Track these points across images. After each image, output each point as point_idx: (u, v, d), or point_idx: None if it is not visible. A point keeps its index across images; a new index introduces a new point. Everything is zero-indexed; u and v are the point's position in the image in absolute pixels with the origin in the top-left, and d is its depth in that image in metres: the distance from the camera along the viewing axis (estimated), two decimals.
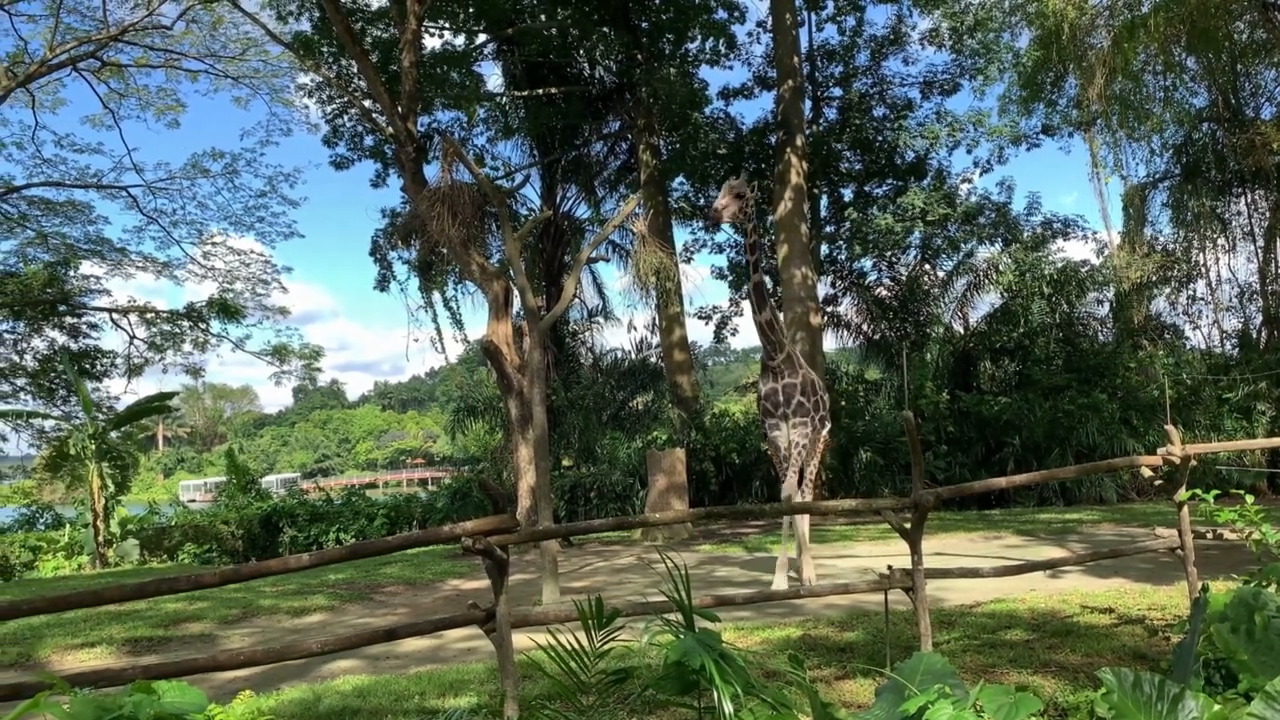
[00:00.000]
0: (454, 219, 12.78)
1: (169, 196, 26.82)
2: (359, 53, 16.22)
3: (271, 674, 7.59)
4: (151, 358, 28.39)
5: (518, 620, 5.84)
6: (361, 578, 13.42)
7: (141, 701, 2.76)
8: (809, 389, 10.40)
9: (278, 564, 4.90)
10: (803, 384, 10.41)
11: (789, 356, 10.37)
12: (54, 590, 14.20)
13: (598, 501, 19.90)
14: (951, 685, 3.90)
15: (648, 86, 20.56)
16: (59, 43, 22.22)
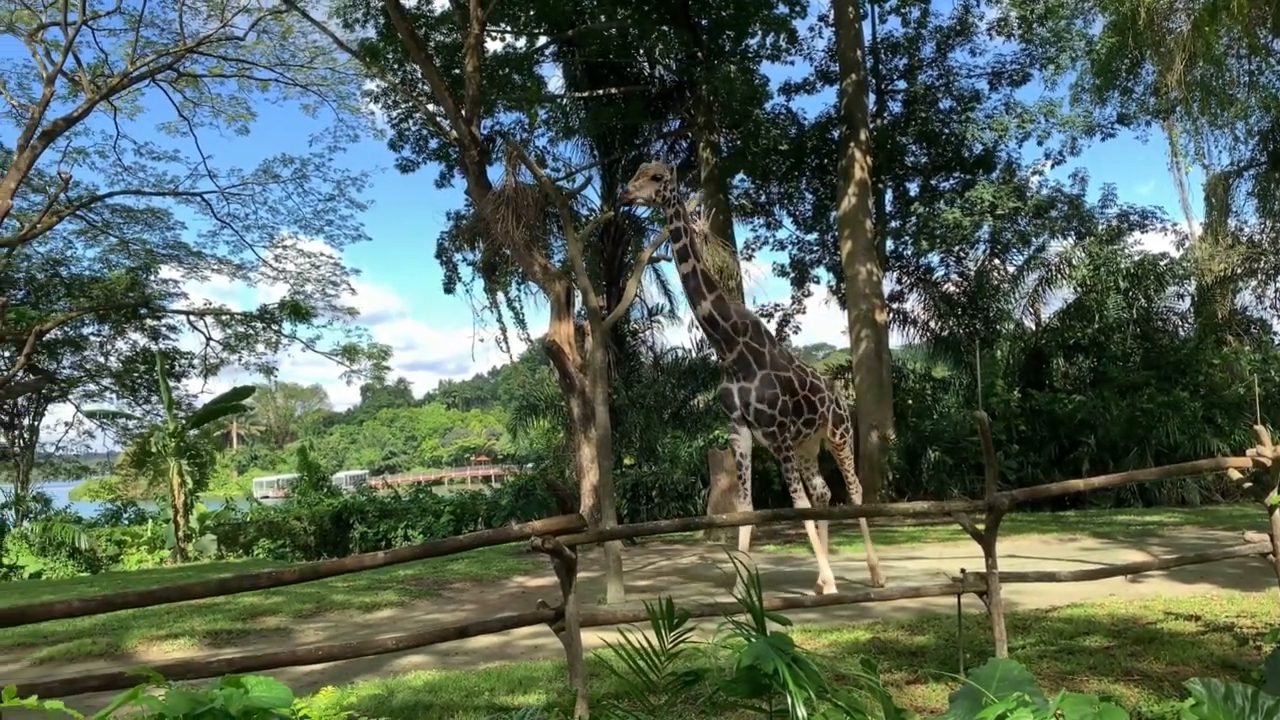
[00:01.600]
0: (517, 221, 12.89)
1: (241, 201, 27.57)
2: (423, 58, 16.47)
3: (345, 668, 7.75)
4: (227, 358, 29.24)
5: (585, 619, 5.88)
6: (430, 574, 13.63)
7: (231, 695, 2.83)
8: (775, 394, 9.33)
9: (353, 561, 5.01)
10: (761, 388, 9.34)
11: (742, 355, 9.42)
12: (138, 583, 14.72)
13: (659, 500, 19.90)
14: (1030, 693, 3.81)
15: (708, 84, 20.49)
16: (139, 56, 23.00)
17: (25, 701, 2.72)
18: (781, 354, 9.79)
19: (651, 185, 9.22)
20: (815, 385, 9.92)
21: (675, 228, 9.24)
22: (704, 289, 9.28)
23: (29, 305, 27.82)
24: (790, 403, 9.57)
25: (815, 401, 9.84)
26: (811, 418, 9.85)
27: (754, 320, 9.74)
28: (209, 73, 25.03)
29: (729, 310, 9.42)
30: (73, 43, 21.63)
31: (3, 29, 22.47)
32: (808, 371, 10.00)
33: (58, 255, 28.41)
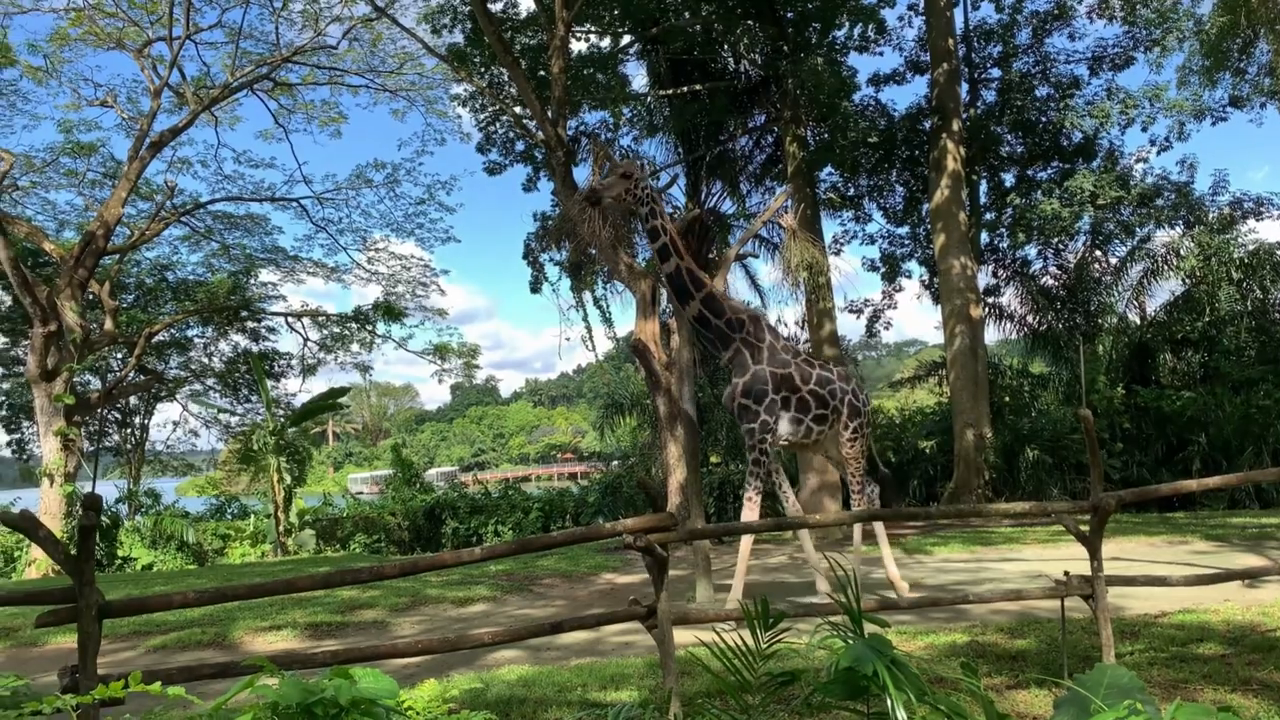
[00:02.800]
0: (604, 220, 12.91)
1: (335, 206, 28.40)
2: (510, 61, 16.64)
3: (440, 661, 7.90)
4: (324, 358, 30.21)
5: (677, 617, 5.87)
6: (520, 569, 13.82)
7: (341, 686, 2.90)
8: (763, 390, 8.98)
9: (451, 556, 5.09)
10: (750, 383, 9.00)
11: (738, 353, 9.12)
12: (242, 576, 15.29)
13: None
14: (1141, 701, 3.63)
15: (794, 78, 20.21)
16: (238, 67, 23.90)
17: (149, 687, 2.85)
18: (786, 348, 9.45)
19: (621, 184, 8.89)
20: (824, 378, 9.44)
21: (652, 226, 8.97)
22: (690, 288, 9.03)
23: (139, 309, 29.23)
24: (792, 399, 9.16)
25: (825, 396, 9.36)
26: (823, 413, 9.39)
27: (753, 315, 9.46)
28: (303, 81, 25.87)
29: (721, 308, 9.17)
30: (177, 57, 22.60)
31: (113, 45, 23.60)
32: (815, 366, 9.54)
33: (164, 260, 29.82)
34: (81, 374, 22.46)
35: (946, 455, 19.93)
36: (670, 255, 8.97)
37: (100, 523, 3.80)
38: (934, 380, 24.76)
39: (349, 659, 4.70)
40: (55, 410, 20.49)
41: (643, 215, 9.00)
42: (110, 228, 22.08)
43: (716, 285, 12.64)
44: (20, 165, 24.60)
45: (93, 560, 3.96)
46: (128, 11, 22.84)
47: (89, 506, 3.91)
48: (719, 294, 9.33)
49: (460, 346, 29.96)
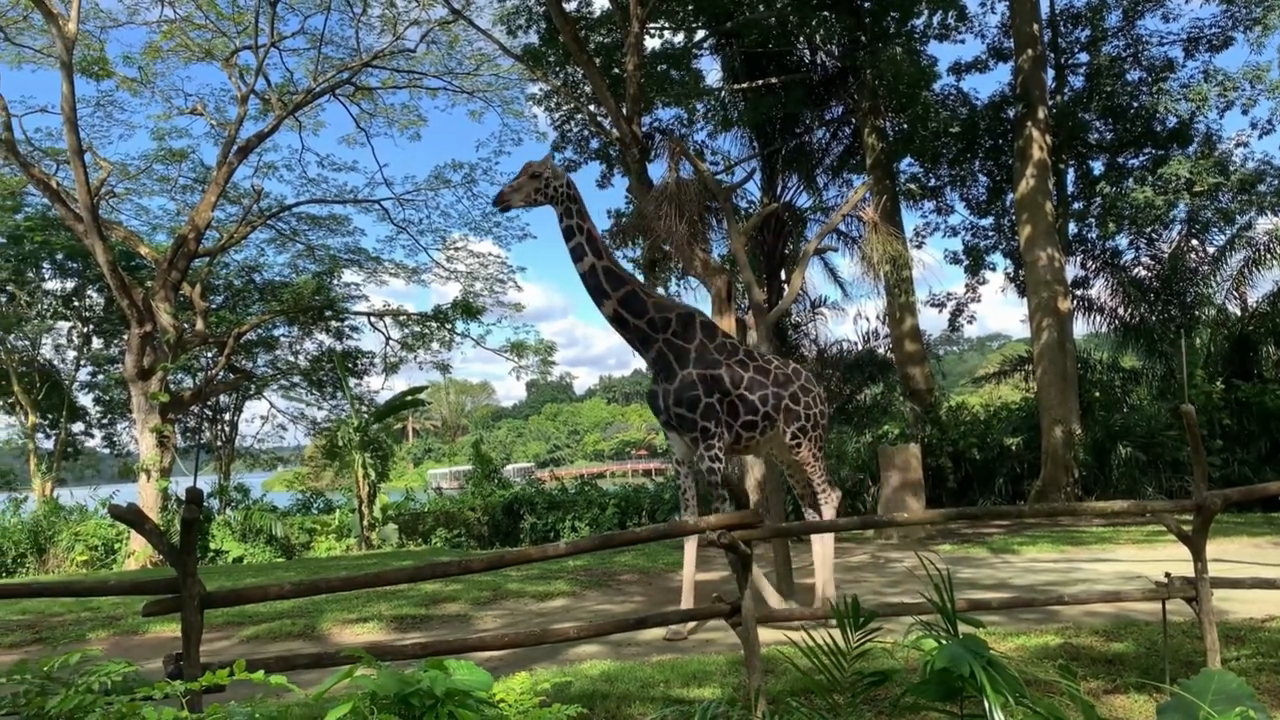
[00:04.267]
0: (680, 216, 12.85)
1: (415, 207, 28.95)
2: (585, 59, 16.74)
3: (523, 655, 7.95)
4: (404, 356, 30.83)
5: (761, 615, 5.82)
6: (598, 565, 13.86)
7: (436, 677, 2.94)
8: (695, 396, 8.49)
9: (536, 551, 5.12)
10: (680, 390, 8.53)
11: (661, 355, 8.70)
12: (328, 569, 15.69)
13: None
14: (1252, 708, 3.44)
15: (872, 68, 19.90)
16: (320, 73, 24.52)
17: (253, 675, 2.92)
18: (722, 348, 8.85)
19: (531, 184, 8.60)
20: (755, 382, 8.82)
21: (567, 225, 8.68)
22: (606, 287, 8.65)
23: (228, 309, 30.25)
24: (721, 404, 8.63)
25: (754, 401, 8.76)
26: (753, 419, 8.77)
27: (683, 314, 8.89)
28: (383, 85, 26.42)
29: (643, 307, 8.72)
30: (262, 64, 23.32)
31: (202, 56, 24.44)
32: (749, 368, 8.87)
33: (252, 262, 30.79)
34: (175, 373, 23.33)
35: (1033, 452, 19.36)
36: (585, 254, 8.66)
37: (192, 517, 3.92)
38: (1019, 375, 24.07)
39: (438, 651, 4.77)
40: (151, 408, 21.31)
41: (559, 214, 8.72)
42: (201, 231, 22.87)
43: (795, 280, 12.52)
44: (116, 173, 25.65)
45: (195, 552, 4.08)
46: (216, 23, 23.62)
47: (191, 500, 4.03)
48: (647, 293, 8.94)
49: (537, 344, 30.29)
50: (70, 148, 19.66)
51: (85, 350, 30.99)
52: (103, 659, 3.34)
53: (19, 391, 28.44)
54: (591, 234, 8.73)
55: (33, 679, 3.20)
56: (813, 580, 12.04)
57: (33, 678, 3.20)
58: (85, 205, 19.79)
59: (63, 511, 22.99)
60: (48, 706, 2.93)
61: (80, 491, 26.52)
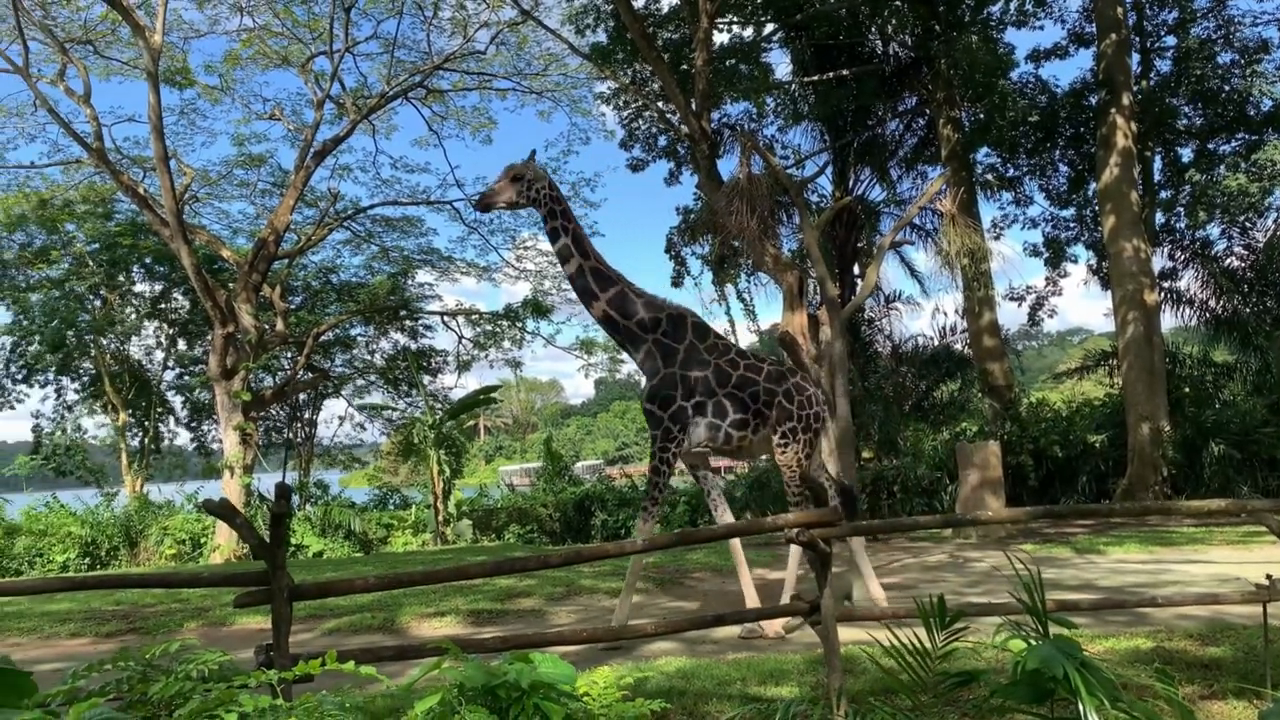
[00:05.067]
0: (751, 212, 12.78)
1: None
2: (654, 56, 16.70)
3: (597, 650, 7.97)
4: (477, 355, 31.25)
5: (840, 614, 5.75)
6: (670, 562, 13.82)
7: (522, 670, 2.95)
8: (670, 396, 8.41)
9: (614, 547, 5.11)
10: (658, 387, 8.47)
11: (649, 354, 8.62)
12: (406, 564, 15.97)
13: (901, 495, 19.17)
14: None
15: (947, 57, 19.48)
16: (393, 76, 24.97)
17: (344, 665, 2.97)
18: (713, 348, 8.78)
19: (512, 187, 8.57)
20: (746, 380, 8.69)
21: (551, 227, 8.63)
22: (594, 288, 8.61)
23: (306, 310, 31.03)
24: (708, 404, 8.54)
25: (745, 399, 8.64)
26: (743, 418, 8.65)
27: (674, 314, 8.84)
28: (453, 87, 26.78)
29: (632, 308, 8.66)
30: (337, 70, 23.83)
31: (279, 63, 25.10)
32: (738, 367, 8.74)
33: (329, 264, 31.54)
34: (256, 372, 24.00)
35: (1119, 450, 18.72)
36: (571, 255, 8.64)
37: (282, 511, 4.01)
38: (1102, 371, 23.30)
39: (518, 645, 4.79)
40: (234, 406, 21.97)
41: (542, 216, 8.68)
42: (280, 234, 23.49)
43: (870, 274, 12.33)
44: (199, 179, 26.50)
45: (284, 546, 4.17)
46: (293, 30, 24.23)
47: (280, 495, 4.12)
48: (637, 293, 8.83)
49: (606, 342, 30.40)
50: (156, 155, 20.37)
51: (172, 351, 32.12)
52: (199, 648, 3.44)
53: (110, 391, 29.59)
54: (577, 234, 8.71)
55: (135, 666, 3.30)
56: (892, 580, 11.88)
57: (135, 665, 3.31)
58: (171, 211, 20.49)
59: (151, 507, 23.85)
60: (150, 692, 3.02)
61: (168, 488, 27.49)
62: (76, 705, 2.52)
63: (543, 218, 8.70)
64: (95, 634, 10.18)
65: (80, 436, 30.21)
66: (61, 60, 21.46)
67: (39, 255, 28.67)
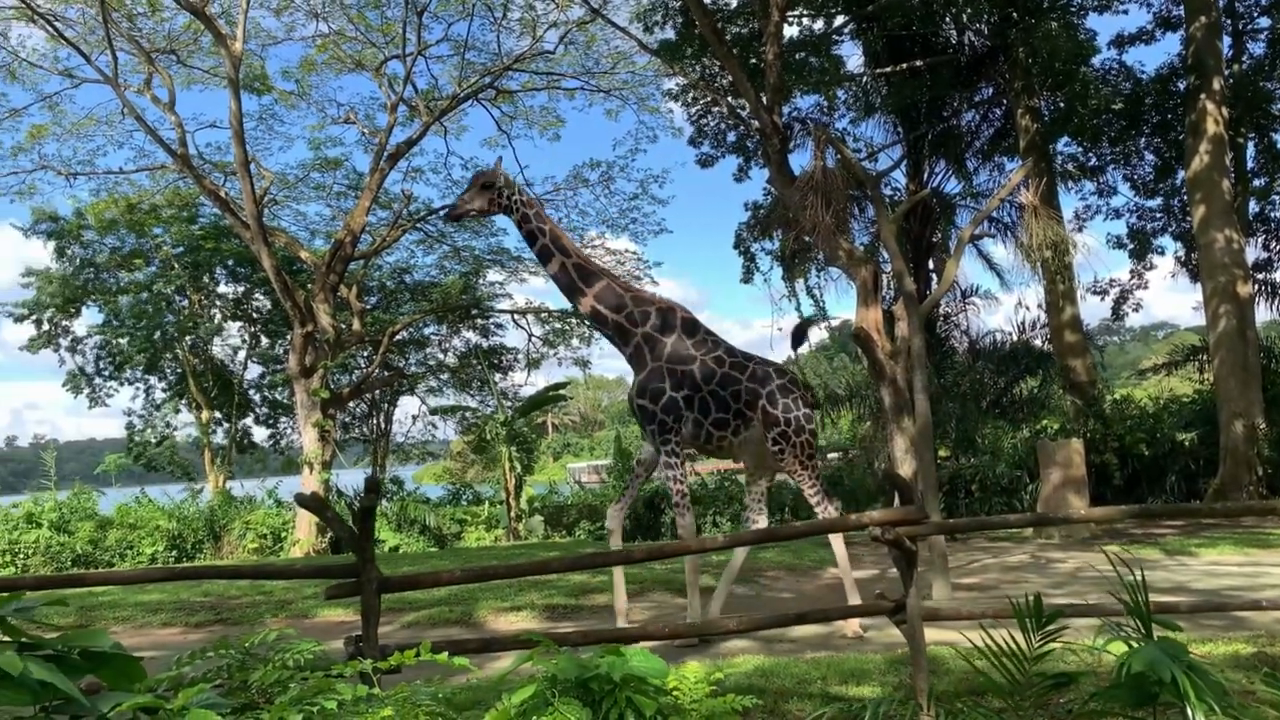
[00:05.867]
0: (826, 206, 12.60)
1: (554, 206, 29.43)
2: (724, 51, 16.60)
3: (674, 647, 7.94)
4: (546, 352, 31.51)
5: (925, 614, 5.67)
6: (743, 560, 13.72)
7: (614, 663, 2.94)
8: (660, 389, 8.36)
9: (696, 544, 5.08)
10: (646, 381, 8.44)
11: (639, 348, 8.58)
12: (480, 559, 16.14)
13: (979, 494, 18.74)
14: None
15: (1025, 45, 18.96)
16: (463, 78, 25.27)
17: (437, 657, 2.99)
18: (700, 343, 8.72)
19: (483, 195, 8.58)
20: (728, 378, 8.60)
21: (528, 230, 8.66)
22: (579, 284, 8.61)
23: (381, 310, 31.64)
24: (694, 399, 8.47)
25: (726, 398, 8.53)
26: (724, 417, 8.54)
27: (663, 308, 8.83)
28: (522, 87, 26.97)
29: (620, 301, 8.65)
30: (410, 73, 24.22)
31: (353, 67, 25.61)
32: (723, 364, 8.67)
33: (403, 264, 32.10)
34: (334, 371, 24.55)
35: (1209, 448, 18.01)
36: (552, 255, 8.65)
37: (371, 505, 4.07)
38: (1191, 366, 22.45)
39: (600, 639, 4.79)
40: (313, 404, 22.49)
41: (516, 221, 8.73)
42: (356, 235, 23.97)
43: (949, 268, 12.05)
44: (277, 182, 27.19)
45: (372, 538, 4.23)
46: (366, 34, 24.68)
47: (369, 489, 4.18)
48: (625, 287, 8.93)
49: None
50: (237, 160, 20.96)
51: (253, 350, 33.07)
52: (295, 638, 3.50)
53: (195, 389, 30.61)
54: (555, 234, 8.76)
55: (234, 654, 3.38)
56: (972, 580, 11.62)
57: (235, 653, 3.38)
58: (252, 214, 21.06)
59: (234, 502, 24.57)
60: (250, 680, 3.08)
61: (250, 483, 28.27)
62: (184, 690, 2.58)
63: (516, 223, 8.78)
64: (185, 624, 10.51)
65: (170, 433, 31.35)
66: (147, 70, 22.19)
67: (128, 258, 29.82)
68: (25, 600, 2.52)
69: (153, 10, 22.46)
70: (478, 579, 4.72)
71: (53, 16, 21.04)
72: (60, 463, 23.54)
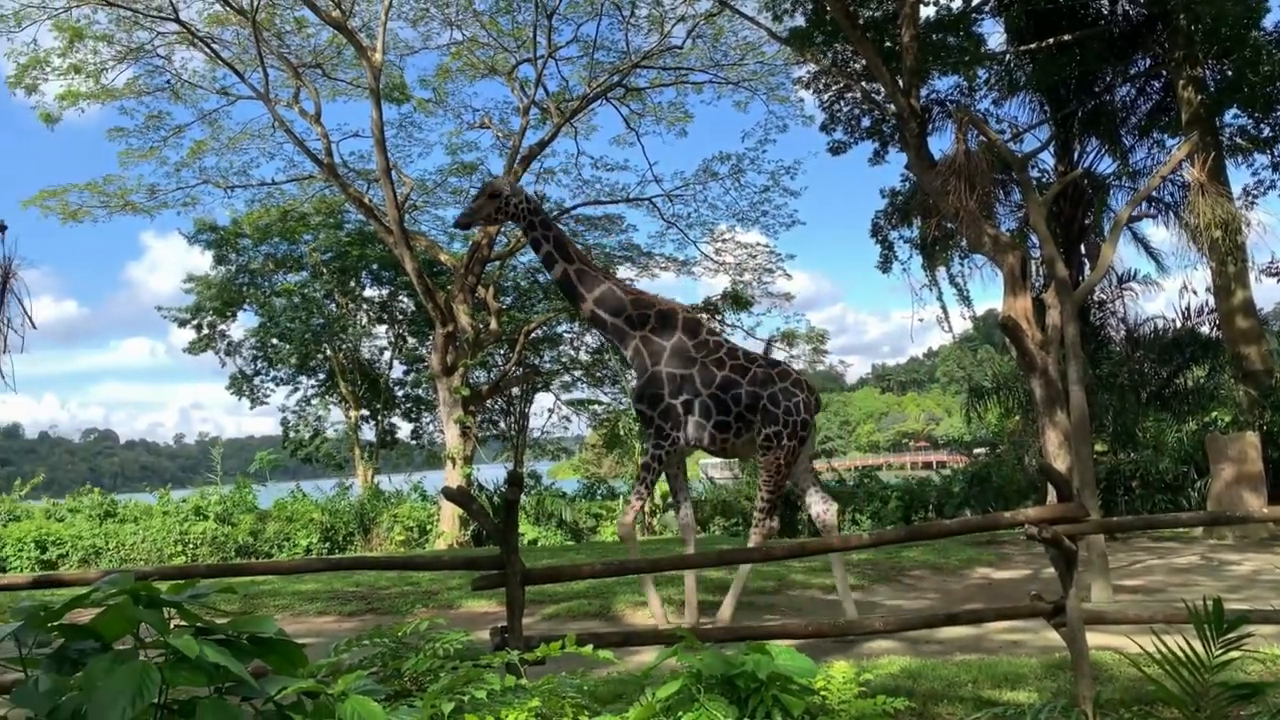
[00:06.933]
0: (970, 190, 12.09)
1: (684, 201, 29.43)
2: (858, 36, 16.19)
3: (814, 646, 7.75)
4: None
5: (1086, 617, 5.38)
6: (884, 559, 13.36)
7: (760, 661, 2.88)
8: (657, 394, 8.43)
9: (838, 541, 4.94)
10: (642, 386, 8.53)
11: (637, 351, 8.67)
12: (617, 553, 16.27)
13: (1140, 492, 17.65)
14: None
15: (1186, 12, 17.69)
16: (593, 78, 25.55)
17: (582, 649, 2.98)
18: (703, 345, 8.74)
19: (490, 204, 8.78)
20: (729, 381, 8.54)
21: (533, 237, 8.90)
22: (581, 290, 8.80)
23: (516, 309, 32.41)
24: (694, 403, 8.51)
25: (727, 400, 8.49)
26: (725, 420, 8.51)
27: (663, 310, 8.93)
28: (650, 84, 27.06)
29: (619, 305, 8.77)
30: (541, 75, 24.67)
31: (486, 73, 26.27)
32: (724, 367, 8.60)
33: (536, 264, 32.67)
34: (474, 369, 25.30)
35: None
36: (555, 262, 8.84)
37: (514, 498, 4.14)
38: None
39: (741, 637, 4.71)
40: (454, 401, 23.23)
41: (522, 229, 9.03)
42: (492, 238, 24.61)
43: (1105, 252, 11.36)
44: (416, 188, 28.21)
45: (516, 531, 4.28)
46: (498, 40, 25.29)
47: (512, 482, 4.24)
48: (625, 290, 9.09)
49: (807, 332, 29.90)
50: (380, 168, 21.84)
51: (398, 350, 34.49)
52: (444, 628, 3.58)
53: (344, 388, 32.18)
54: (559, 240, 8.99)
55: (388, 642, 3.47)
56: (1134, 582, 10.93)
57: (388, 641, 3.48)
58: (394, 219, 21.92)
59: (382, 496, 25.66)
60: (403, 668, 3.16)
61: (396, 478, 29.49)
62: (344, 676, 2.66)
63: (522, 230, 9.11)
64: (339, 612, 10.98)
65: (321, 429, 33.08)
66: (295, 84, 23.41)
67: (280, 264, 31.61)
68: (199, 587, 2.65)
69: (299, 28, 23.71)
70: (617, 573, 4.73)
71: (211, 39, 22.50)
72: (222, 459, 25.12)
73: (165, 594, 2.55)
